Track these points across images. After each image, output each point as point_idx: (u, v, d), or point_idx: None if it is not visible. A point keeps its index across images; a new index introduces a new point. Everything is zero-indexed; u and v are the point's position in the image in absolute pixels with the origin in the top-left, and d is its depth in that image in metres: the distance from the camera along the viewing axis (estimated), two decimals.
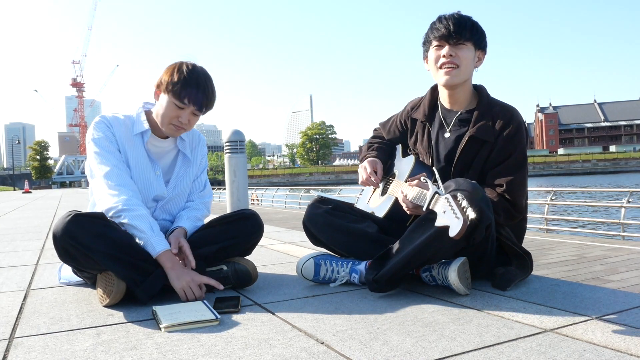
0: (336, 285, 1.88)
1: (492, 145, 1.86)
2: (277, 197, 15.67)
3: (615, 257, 3.28)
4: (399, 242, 1.72)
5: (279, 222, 5.62)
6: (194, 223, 1.96)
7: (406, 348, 1.21)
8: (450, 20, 1.85)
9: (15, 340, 1.37)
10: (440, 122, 1.99)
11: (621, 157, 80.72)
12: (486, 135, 1.85)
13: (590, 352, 1.15)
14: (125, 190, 1.77)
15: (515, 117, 1.88)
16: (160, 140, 1.94)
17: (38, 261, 2.85)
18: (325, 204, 2.04)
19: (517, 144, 1.85)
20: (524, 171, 1.86)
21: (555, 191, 6.43)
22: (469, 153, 1.88)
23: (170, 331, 1.39)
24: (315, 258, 1.93)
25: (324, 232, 2.00)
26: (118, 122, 1.88)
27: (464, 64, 1.85)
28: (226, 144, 4.74)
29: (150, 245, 1.70)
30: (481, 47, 1.90)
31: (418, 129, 2.06)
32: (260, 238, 2.02)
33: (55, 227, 1.63)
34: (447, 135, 1.95)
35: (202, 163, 2.09)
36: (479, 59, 1.92)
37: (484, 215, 1.58)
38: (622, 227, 5.47)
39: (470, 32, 1.84)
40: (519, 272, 1.82)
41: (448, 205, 1.46)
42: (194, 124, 1.87)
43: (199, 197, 2.08)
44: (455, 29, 1.83)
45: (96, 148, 1.83)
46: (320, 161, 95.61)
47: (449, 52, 1.85)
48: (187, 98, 1.77)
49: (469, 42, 1.85)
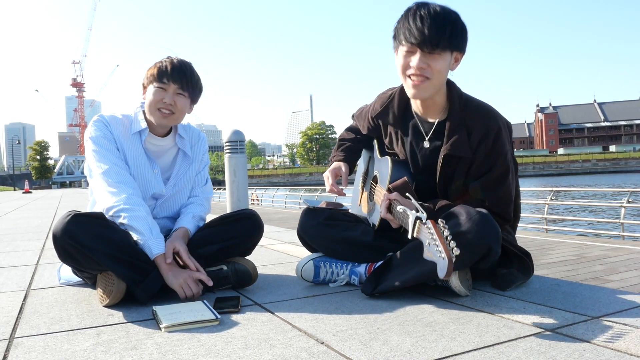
0: (336, 286, 1.88)
1: (470, 160, 1.70)
2: (277, 197, 15.67)
3: (615, 257, 3.28)
4: (399, 257, 1.69)
5: (279, 222, 5.62)
6: (196, 222, 1.95)
7: (406, 348, 1.21)
8: (427, 23, 1.55)
9: (16, 340, 1.37)
10: (416, 128, 1.81)
11: (621, 157, 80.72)
12: (462, 151, 1.69)
13: (590, 352, 1.15)
14: (125, 187, 1.77)
15: (492, 124, 1.69)
16: (159, 138, 1.94)
17: (38, 261, 2.84)
18: (318, 214, 1.96)
19: (498, 156, 1.69)
20: (507, 181, 1.72)
21: (555, 191, 6.43)
22: (448, 168, 1.74)
23: (170, 331, 1.39)
24: (315, 260, 1.92)
25: (318, 243, 1.96)
26: (116, 121, 1.88)
27: (436, 76, 1.62)
28: (226, 144, 4.74)
29: (148, 248, 1.71)
30: (459, 49, 1.65)
31: (392, 132, 1.89)
32: (261, 238, 2.02)
33: (55, 227, 1.63)
34: (427, 145, 1.79)
35: (203, 159, 2.08)
36: (455, 61, 1.67)
37: (493, 251, 1.51)
38: (622, 227, 5.47)
39: (449, 39, 1.57)
40: (521, 275, 1.80)
41: (431, 238, 1.31)
42: (182, 107, 1.85)
43: (202, 192, 2.07)
44: (431, 35, 1.54)
45: (94, 146, 1.83)
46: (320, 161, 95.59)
47: (420, 65, 1.59)
48: (165, 77, 1.81)
49: (445, 50, 1.59)
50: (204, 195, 2.07)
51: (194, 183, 2.06)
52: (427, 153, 1.80)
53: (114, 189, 1.76)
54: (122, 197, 1.74)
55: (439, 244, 1.26)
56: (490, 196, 1.71)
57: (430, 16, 1.56)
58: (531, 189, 8.30)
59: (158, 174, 1.94)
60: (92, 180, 1.84)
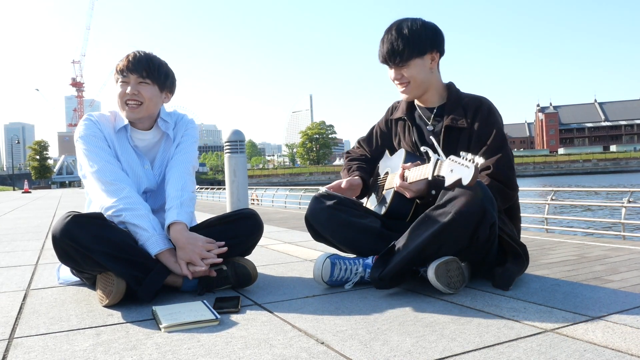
0: (351, 286, 1.84)
1: (469, 131, 1.89)
2: (277, 197, 15.66)
3: (615, 257, 3.27)
4: (402, 239, 1.72)
5: (279, 222, 5.62)
6: (186, 210, 1.85)
7: (406, 348, 1.21)
8: (387, 45, 1.88)
9: (15, 340, 1.37)
10: (420, 117, 2.04)
11: (622, 157, 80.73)
12: (460, 122, 1.90)
13: (591, 352, 1.15)
14: (121, 185, 1.77)
15: (485, 102, 1.93)
16: (144, 132, 1.93)
17: (38, 261, 2.84)
18: (329, 198, 2.02)
19: (493, 124, 1.89)
20: (507, 148, 1.89)
21: (555, 191, 6.42)
22: (450, 143, 1.91)
23: (170, 331, 1.39)
24: (331, 257, 1.88)
25: (327, 227, 1.98)
26: (104, 118, 1.89)
27: (414, 80, 1.91)
28: (226, 143, 4.74)
29: (151, 243, 1.71)
30: (428, 51, 1.90)
31: (399, 128, 2.11)
32: (260, 237, 2.01)
33: (54, 228, 1.63)
34: (430, 128, 2.00)
35: (185, 135, 2.00)
36: (432, 60, 1.93)
37: (488, 213, 1.61)
38: (623, 227, 5.46)
39: (409, 51, 1.86)
40: (515, 267, 1.80)
41: (454, 163, 1.51)
42: (151, 96, 1.85)
43: (180, 163, 1.94)
44: (389, 54, 1.88)
45: (84, 145, 1.83)
46: (320, 161, 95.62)
47: (395, 76, 1.93)
48: (125, 70, 1.82)
49: (411, 59, 1.87)
50: (183, 167, 1.93)
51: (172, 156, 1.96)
52: (432, 134, 1.99)
53: (109, 188, 1.76)
54: (121, 197, 1.74)
55: (462, 161, 1.49)
56: (494, 162, 1.84)
57: (391, 39, 1.88)
58: (532, 189, 8.29)
59: (149, 169, 1.93)
60: (86, 180, 1.84)
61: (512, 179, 1.88)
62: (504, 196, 1.85)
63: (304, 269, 2.35)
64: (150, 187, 1.94)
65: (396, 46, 1.86)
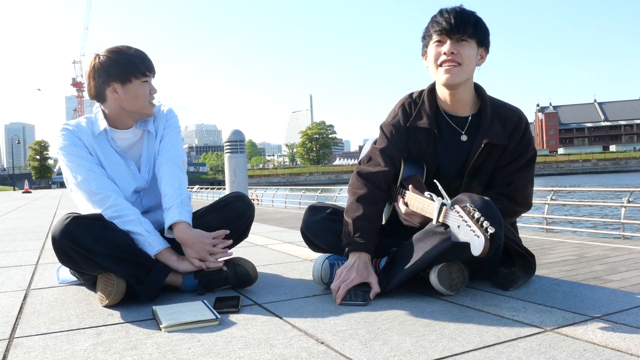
0: None
1: (504, 148, 1.81)
2: (277, 197, 15.67)
3: (615, 257, 3.27)
4: (405, 249, 1.70)
5: (279, 222, 5.61)
6: (189, 214, 1.83)
7: (406, 348, 1.21)
8: (452, 14, 1.72)
9: (15, 340, 1.37)
10: (449, 125, 1.87)
11: (621, 157, 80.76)
12: (500, 139, 1.80)
13: (591, 352, 1.15)
14: (107, 193, 1.76)
15: (523, 117, 1.86)
16: (124, 132, 1.89)
17: (38, 261, 2.85)
18: (323, 209, 1.99)
19: (528, 143, 1.84)
20: (532, 168, 1.85)
21: (555, 191, 6.42)
22: (481, 157, 1.81)
23: (170, 331, 1.39)
24: (329, 258, 1.88)
25: (323, 239, 1.95)
26: (80, 127, 1.85)
27: (466, 62, 1.73)
28: (226, 143, 4.74)
29: (148, 245, 1.71)
30: (484, 45, 1.79)
31: (421, 136, 1.87)
32: (253, 217, 2.02)
33: (53, 230, 1.63)
34: (464, 139, 1.84)
35: (167, 127, 1.95)
36: (481, 57, 1.81)
37: (497, 235, 1.51)
38: (623, 227, 5.46)
39: (474, 28, 1.72)
40: (523, 274, 1.80)
41: (461, 220, 1.41)
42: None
43: (171, 158, 1.90)
44: (457, 23, 1.70)
45: (65, 157, 1.80)
46: (320, 161, 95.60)
47: (450, 50, 1.71)
48: (146, 69, 1.82)
49: (472, 38, 1.73)
50: (174, 164, 1.89)
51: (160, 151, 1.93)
52: (464, 146, 1.85)
53: (95, 198, 1.75)
54: (107, 205, 1.74)
55: (472, 224, 1.38)
56: (516, 178, 1.80)
57: (456, 11, 1.74)
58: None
59: (135, 170, 1.91)
60: (72, 193, 1.83)
61: (529, 198, 1.86)
62: (515, 214, 1.84)
63: (304, 268, 2.35)
64: (141, 186, 1.92)
65: (466, 19, 1.71)
